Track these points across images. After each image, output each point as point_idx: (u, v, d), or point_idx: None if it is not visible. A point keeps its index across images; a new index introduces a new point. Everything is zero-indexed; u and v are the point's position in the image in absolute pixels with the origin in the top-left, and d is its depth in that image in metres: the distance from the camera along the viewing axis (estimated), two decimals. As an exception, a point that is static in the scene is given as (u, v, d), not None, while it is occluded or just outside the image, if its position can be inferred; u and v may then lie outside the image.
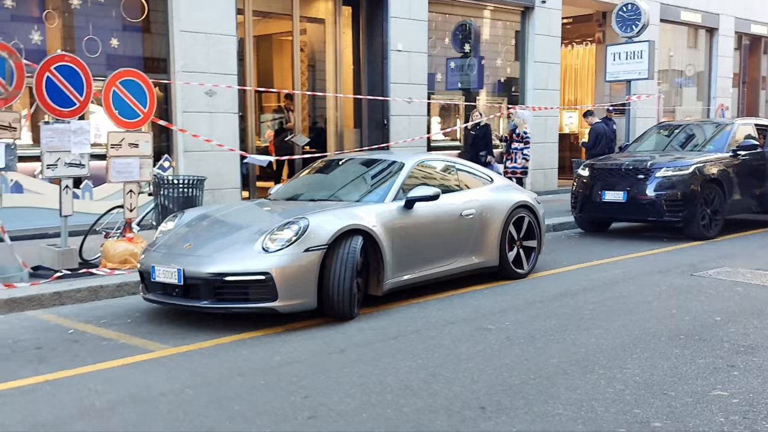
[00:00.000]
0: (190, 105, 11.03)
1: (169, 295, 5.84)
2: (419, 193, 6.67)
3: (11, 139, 6.91)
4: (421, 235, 6.71)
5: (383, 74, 13.83)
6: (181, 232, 6.36)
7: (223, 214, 6.73)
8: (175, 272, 5.69)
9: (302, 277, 5.63)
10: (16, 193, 9.76)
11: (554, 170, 16.92)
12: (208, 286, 5.60)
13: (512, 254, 7.60)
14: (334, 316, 5.85)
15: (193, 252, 5.85)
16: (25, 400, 4.25)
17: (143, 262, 6.14)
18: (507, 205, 7.59)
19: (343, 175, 7.56)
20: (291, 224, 5.80)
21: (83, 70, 7.37)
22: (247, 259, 5.65)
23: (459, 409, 4.08)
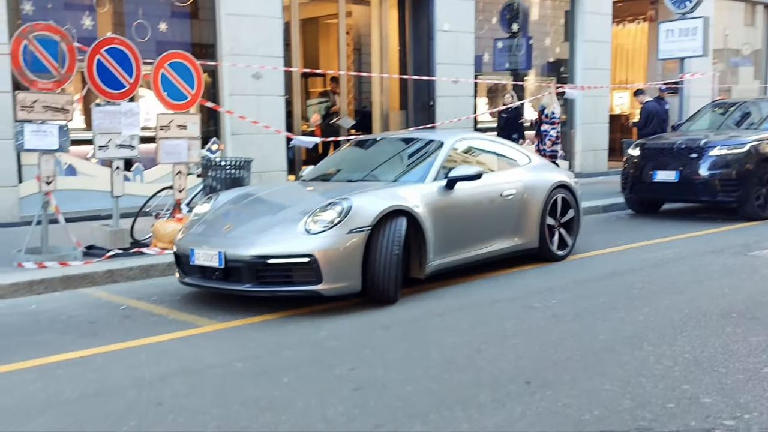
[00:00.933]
0: (237, 88, 11.13)
1: (208, 279, 5.70)
2: (461, 173, 6.49)
3: (64, 121, 7.06)
4: (463, 216, 6.54)
5: (429, 55, 13.75)
6: (218, 214, 6.24)
7: (261, 196, 6.63)
8: (215, 255, 5.54)
9: (346, 259, 5.48)
10: (70, 175, 10.00)
11: (604, 151, 16.64)
12: (249, 269, 5.44)
13: (551, 235, 7.42)
14: (378, 299, 5.70)
15: (234, 234, 5.71)
16: (77, 371, 4.37)
17: (180, 245, 6.00)
18: (547, 184, 7.40)
19: (379, 155, 7.40)
20: (334, 205, 5.62)
21: (132, 52, 7.49)
22: (289, 240, 5.49)
23: (504, 384, 4.06)
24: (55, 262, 6.91)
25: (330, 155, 7.98)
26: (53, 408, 3.81)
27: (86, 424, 3.59)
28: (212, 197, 6.63)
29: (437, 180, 6.48)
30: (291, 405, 3.79)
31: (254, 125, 10.35)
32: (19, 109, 6.80)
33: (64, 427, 3.57)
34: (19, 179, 9.36)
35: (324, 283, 5.40)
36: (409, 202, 5.97)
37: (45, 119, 6.95)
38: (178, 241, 6.12)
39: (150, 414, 3.69)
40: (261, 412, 3.70)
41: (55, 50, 6.96)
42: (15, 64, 6.78)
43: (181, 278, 6.04)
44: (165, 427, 3.53)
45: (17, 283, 6.34)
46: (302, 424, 3.56)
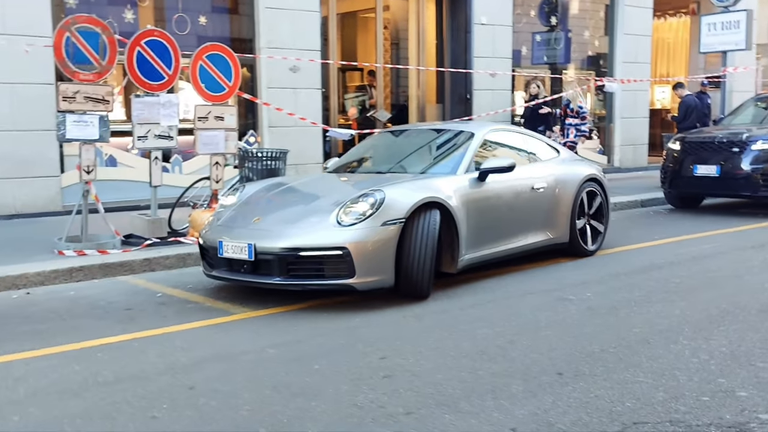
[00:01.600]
0: (274, 81, 11.21)
1: (236, 272, 5.57)
2: (493, 164, 6.33)
3: (104, 112, 7.18)
4: (495, 209, 6.38)
5: (467, 48, 13.69)
6: (245, 205, 6.12)
7: (290, 187, 6.51)
8: (245, 247, 5.40)
9: (380, 252, 5.34)
10: (111, 166, 10.17)
11: (644, 146, 16.41)
12: (280, 262, 5.31)
13: (582, 230, 7.25)
14: (410, 294, 5.56)
15: (263, 226, 5.58)
16: (114, 355, 4.45)
17: (206, 237, 5.87)
18: (577, 178, 7.25)
19: (407, 146, 7.24)
20: (366, 197, 5.48)
21: (172, 44, 7.59)
22: (321, 232, 5.36)
23: (536, 375, 4.04)
24: (95, 250, 7.04)
25: (356, 146, 7.80)
26: (90, 389, 3.89)
27: (121, 406, 3.65)
28: (238, 188, 6.53)
29: (469, 172, 6.33)
30: (322, 391, 3.82)
31: (291, 118, 10.42)
32: (61, 100, 6.94)
33: (100, 408, 3.63)
34: (61, 169, 9.55)
35: (357, 277, 5.28)
36: (443, 194, 5.81)
37: (86, 110, 7.08)
38: (204, 234, 5.99)
39: (182, 397, 3.75)
40: (292, 398, 3.73)
41: (97, 42, 7.08)
42: (58, 56, 6.92)
43: (207, 271, 5.92)
44: (197, 411, 3.58)
45: (57, 270, 6.48)
46: (333, 410, 3.58)
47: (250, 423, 3.44)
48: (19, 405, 3.69)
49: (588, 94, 16.38)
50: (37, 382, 4.00)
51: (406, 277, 5.48)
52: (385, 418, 3.49)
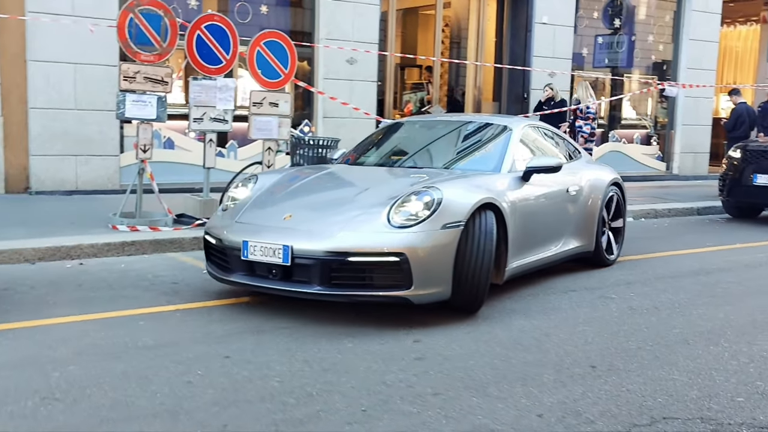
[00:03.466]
0: (332, 72, 11.32)
1: (262, 278, 4.76)
2: (540, 163, 5.76)
3: (163, 93, 7.37)
4: (536, 213, 5.79)
5: (526, 47, 13.60)
6: (266, 200, 5.33)
7: (316, 179, 5.71)
8: (279, 249, 4.59)
9: (439, 259, 4.63)
10: (168, 149, 10.42)
11: (705, 154, 16.04)
12: (322, 268, 4.52)
13: (604, 237, 6.75)
14: (464, 307, 4.89)
15: (298, 224, 4.80)
16: (156, 324, 4.58)
17: (223, 235, 4.98)
18: (605, 182, 6.80)
19: (438, 138, 6.56)
20: (421, 195, 4.80)
21: (231, 30, 7.73)
22: (373, 234, 4.61)
23: (568, 366, 4.02)
24: (147, 227, 7.24)
25: (377, 135, 6.97)
26: (130, 353, 4.01)
27: (158, 370, 3.76)
28: (251, 179, 5.71)
29: (512, 170, 5.74)
30: (352, 368, 3.87)
31: (345, 108, 10.51)
32: (122, 79, 7.14)
33: (138, 370, 3.75)
34: (120, 149, 9.83)
35: (414, 288, 4.54)
36: (496, 194, 5.19)
37: (145, 90, 7.28)
38: (217, 231, 5.11)
39: (216, 366, 3.84)
40: (323, 372, 3.79)
41: (159, 24, 7.27)
42: (121, 36, 7.12)
43: (221, 275, 5.01)
44: (229, 378, 3.66)
45: (110, 243, 6.68)
46: (361, 386, 3.62)
47: (279, 393, 3.51)
48: (60, 363, 3.83)
49: (649, 99, 16.12)
50: (80, 344, 4.14)
51: (461, 288, 4.75)
52: (413, 397, 3.51)
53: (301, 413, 3.30)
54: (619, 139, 15.36)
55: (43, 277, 5.71)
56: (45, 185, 9.33)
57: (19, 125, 9.17)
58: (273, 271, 4.69)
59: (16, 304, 4.95)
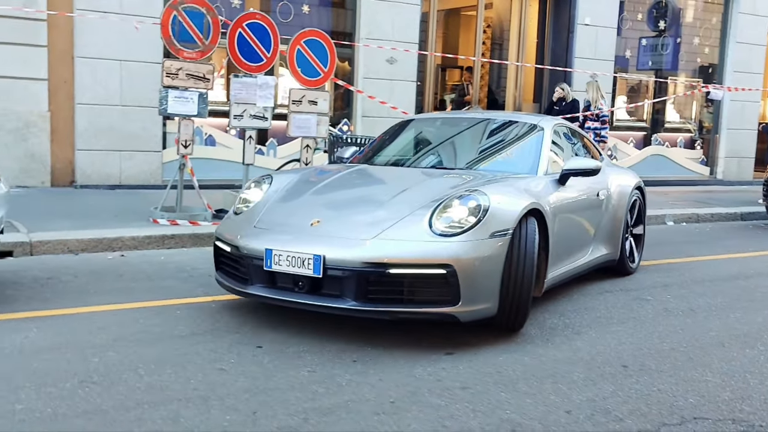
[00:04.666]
0: (371, 72, 11.38)
1: (286, 291, 4.24)
2: (578, 165, 5.36)
3: (204, 89, 7.50)
4: (571, 219, 5.43)
5: (568, 49, 13.51)
6: (286, 203, 4.84)
7: (341, 180, 5.28)
8: (310, 259, 4.09)
9: (487, 272, 4.19)
10: (209, 145, 10.58)
11: (750, 159, 15.73)
12: (358, 281, 4.04)
13: (627, 244, 6.42)
14: (507, 325, 4.43)
15: (329, 231, 4.31)
16: (192, 314, 4.67)
17: (241, 243, 4.43)
18: (630, 186, 6.47)
19: (464, 137, 6.12)
20: (465, 199, 4.35)
21: (272, 28, 7.83)
22: (416, 243, 4.15)
23: (599, 365, 4.00)
24: (187, 221, 7.37)
25: (384, 135, 6.49)
26: (165, 341, 4.11)
27: (192, 357, 3.85)
28: (263, 180, 5.20)
29: (548, 173, 5.37)
30: (382, 360, 3.91)
31: (384, 108, 10.56)
32: (165, 76, 7.29)
33: (173, 357, 3.84)
34: (163, 145, 10.01)
35: (461, 304, 4.09)
36: (538, 199, 4.75)
37: (187, 86, 7.41)
38: (228, 235, 4.65)
39: (249, 354, 3.91)
40: (352, 363, 3.84)
41: (201, 22, 7.40)
42: (164, 33, 7.27)
43: (237, 287, 4.50)
44: (261, 367, 3.73)
45: (151, 236, 6.82)
46: (389, 377, 3.66)
47: (309, 382, 3.56)
48: (99, 348, 3.94)
49: (694, 102, 15.86)
50: (118, 331, 4.25)
51: (507, 303, 4.31)
52: (441, 390, 3.54)
53: (330, 402, 3.34)
54: (662, 143, 15.15)
55: (86, 267, 5.86)
56: (90, 179, 9.55)
57: (66, 120, 9.41)
58: (299, 284, 4.18)
59: (60, 292, 5.10)
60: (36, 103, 9.15)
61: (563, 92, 11.45)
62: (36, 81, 9.11)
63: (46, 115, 9.20)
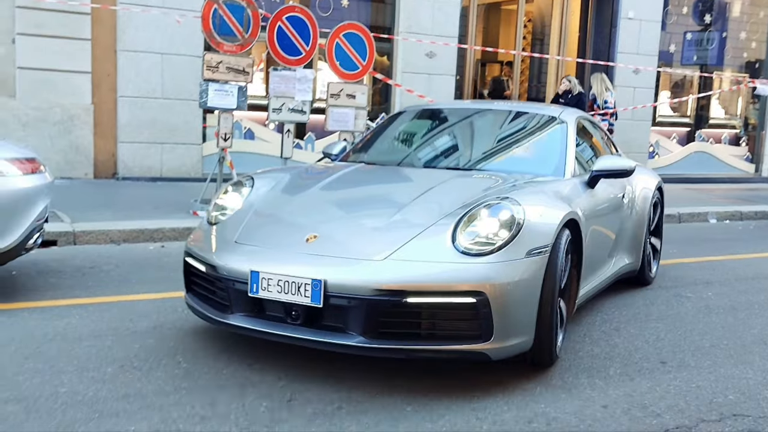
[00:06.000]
0: (410, 66, 11.36)
1: (276, 322, 3.48)
2: (610, 166, 4.59)
3: (244, 83, 7.57)
4: (600, 227, 4.71)
5: (610, 43, 13.31)
6: (273, 210, 4.04)
7: (338, 183, 4.49)
8: (307, 284, 3.35)
9: (524, 298, 3.49)
10: (248, 139, 10.67)
11: (797, 157, 15.36)
12: (368, 311, 3.31)
13: (648, 251, 5.78)
14: (539, 359, 3.73)
15: (330, 248, 3.54)
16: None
17: (218, 262, 3.63)
18: (651, 187, 5.81)
19: (473, 131, 5.38)
20: (495, 209, 3.63)
21: (311, 21, 7.87)
22: (440, 265, 3.42)
23: (637, 361, 3.96)
24: (225, 213, 7.44)
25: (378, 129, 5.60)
26: (207, 330, 4.15)
27: (229, 345, 3.89)
28: (242, 183, 4.32)
29: (576, 174, 4.61)
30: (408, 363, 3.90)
31: (422, 101, 10.52)
32: (205, 69, 7.37)
33: (211, 345, 3.89)
34: (203, 138, 10.13)
35: (494, 340, 3.37)
36: (573, 206, 4.06)
37: (227, 80, 7.49)
38: (201, 252, 3.83)
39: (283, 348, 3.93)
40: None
41: (242, 15, 7.46)
42: (205, 27, 7.35)
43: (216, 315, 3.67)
44: (297, 355, 3.75)
45: (191, 227, 6.86)
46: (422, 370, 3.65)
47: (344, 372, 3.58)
48: (139, 335, 4.01)
49: (740, 98, 15.54)
50: (158, 319, 4.32)
51: (543, 334, 3.61)
52: (472, 387, 3.52)
53: (362, 395, 3.36)
54: (705, 139, 14.87)
55: (127, 258, 5.96)
56: (132, 171, 9.71)
57: (108, 113, 9.56)
58: (293, 313, 3.43)
59: (101, 280, 5.20)
60: (80, 96, 9.32)
61: (570, 84, 11.04)
62: (80, 74, 9.27)
63: (90, 108, 9.36)
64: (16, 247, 4.50)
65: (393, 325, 3.36)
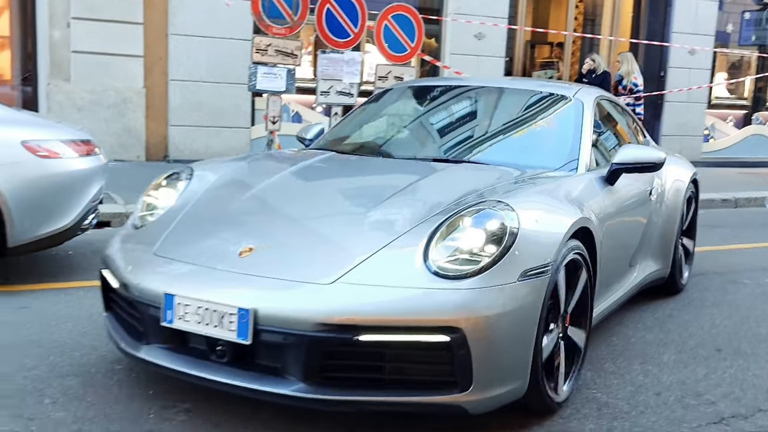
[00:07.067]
0: (459, 48, 11.24)
1: (197, 360, 2.75)
2: (634, 157, 3.74)
3: (292, 66, 7.58)
4: (622, 232, 3.91)
5: (665, 23, 12.99)
6: (206, 212, 3.26)
7: (293, 180, 3.61)
8: (233, 314, 2.62)
9: (515, 335, 2.72)
10: (296, 122, 10.70)
11: None
12: (309, 351, 2.57)
13: (679, 254, 4.94)
14: (541, 407, 2.99)
15: (266, 266, 2.77)
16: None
17: (132, 279, 2.91)
18: (685, 179, 4.97)
19: (469, 115, 4.51)
20: (481, 217, 2.82)
21: (360, 3, 7.82)
22: (404, 291, 2.63)
23: (692, 348, 3.88)
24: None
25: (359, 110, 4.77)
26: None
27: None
28: (178, 176, 3.56)
29: (592, 168, 3.79)
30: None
31: (471, 84, 10.43)
32: (255, 52, 7.40)
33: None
34: (251, 122, 10.20)
35: (474, 389, 2.62)
36: (585, 209, 3.31)
37: (276, 62, 7.51)
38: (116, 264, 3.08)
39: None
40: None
41: (290, -2, 7.48)
42: (255, 10, 7.37)
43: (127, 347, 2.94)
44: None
45: (240, 209, 6.97)
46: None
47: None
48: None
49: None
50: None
51: (541, 376, 2.89)
52: (525, 367, 3.48)
53: None
54: (763, 122, 14.44)
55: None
56: (182, 154, 9.83)
57: (160, 96, 9.69)
58: (218, 348, 2.70)
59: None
60: (133, 80, 9.45)
61: (594, 63, 10.50)
62: (133, 58, 9.40)
63: (142, 92, 9.49)
64: (73, 227, 4.59)
65: (342, 369, 2.62)
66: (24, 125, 4.60)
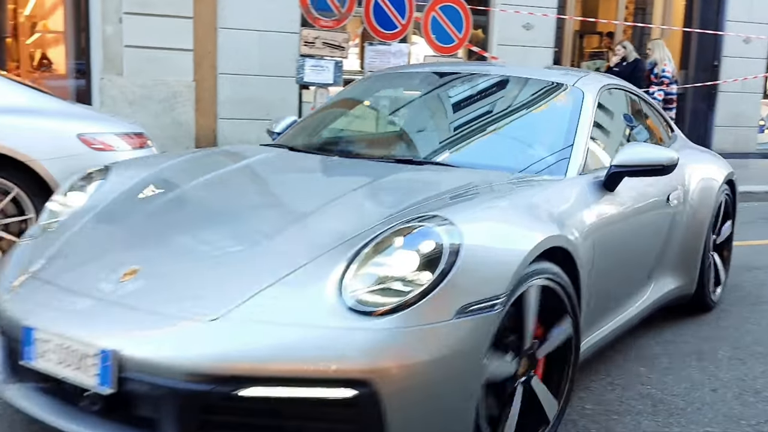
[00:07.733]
0: (506, 38, 11.14)
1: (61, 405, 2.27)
2: (636, 158, 3.12)
3: (340, 58, 7.60)
4: (622, 247, 3.27)
5: (719, 12, 12.68)
6: (106, 225, 2.78)
7: (205, 188, 3.03)
8: (95, 356, 2.12)
9: (447, 390, 2.16)
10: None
11: None
12: (184, 406, 2.08)
13: (712, 269, 4.35)
14: None
15: (142, 297, 2.28)
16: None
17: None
18: (717, 181, 4.29)
19: (449, 106, 3.89)
20: (415, 236, 2.27)
21: (407, -5, 7.81)
22: (305, 330, 2.10)
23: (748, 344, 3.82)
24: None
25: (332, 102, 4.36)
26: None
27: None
28: (92, 176, 3.10)
29: (586, 172, 3.16)
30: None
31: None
32: (302, 44, 7.43)
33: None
34: (299, 114, 10.25)
35: None
36: (562, 224, 2.70)
37: (323, 55, 7.53)
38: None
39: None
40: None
41: (337, -10, 7.48)
42: (302, 2, 7.40)
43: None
44: None
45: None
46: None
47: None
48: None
49: None
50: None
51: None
52: (576, 362, 3.43)
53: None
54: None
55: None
56: (231, 147, 9.95)
57: (209, 90, 9.80)
58: (87, 394, 2.18)
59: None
60: (182, 74, 9.57)
61: (624, 51, 10.00)
62: (182, 52, 9.52)
63: (191, 85, 9.62)
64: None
65: (229, 428, 2.10)
66: (79, 118, 4.69)
